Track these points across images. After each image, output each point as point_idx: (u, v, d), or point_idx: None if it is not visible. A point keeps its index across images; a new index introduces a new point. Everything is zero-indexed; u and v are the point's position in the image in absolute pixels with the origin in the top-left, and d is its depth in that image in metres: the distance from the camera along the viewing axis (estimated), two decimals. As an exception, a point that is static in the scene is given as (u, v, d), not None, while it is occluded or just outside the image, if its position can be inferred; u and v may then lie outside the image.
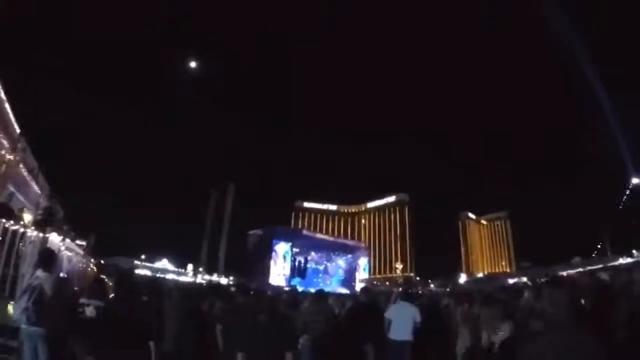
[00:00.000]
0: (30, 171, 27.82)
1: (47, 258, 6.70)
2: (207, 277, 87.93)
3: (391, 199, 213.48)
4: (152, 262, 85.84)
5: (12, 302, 7.49)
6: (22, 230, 8.04)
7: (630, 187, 77.07)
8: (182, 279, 62.69)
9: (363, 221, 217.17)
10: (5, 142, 22.40)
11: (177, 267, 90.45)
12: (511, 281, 54.06)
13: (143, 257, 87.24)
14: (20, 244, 7.92)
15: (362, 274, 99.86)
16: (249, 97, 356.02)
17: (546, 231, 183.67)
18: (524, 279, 47.68)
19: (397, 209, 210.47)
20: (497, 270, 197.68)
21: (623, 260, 49.29)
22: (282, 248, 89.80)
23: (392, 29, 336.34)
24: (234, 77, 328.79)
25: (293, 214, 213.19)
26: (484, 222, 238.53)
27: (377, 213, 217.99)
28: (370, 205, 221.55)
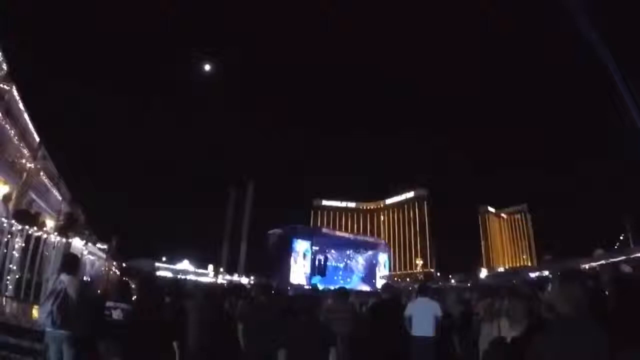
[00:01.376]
0: (51, 178, 28.34)
1: (71, 262, 6.79)
2: (228, 277, 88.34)
3: (410, 194, 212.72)
4: (173, 263, 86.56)
5: (36, 306, 7.60)
6: (44, 236, 8.14)
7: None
8: (203, 279, 62.95)
9: (382, 218, 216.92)
10: (25, 151, 22.87)
11: (198, 267, 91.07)
12: (533, 275, 53.53)
13: (164, 258, 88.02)
14: (44, 249, 8.03)
15: (382, 271, 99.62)
16: (266, 96, 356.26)
17: (568, 223, 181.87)
18: (546, 273, 47.20)
19: (416, 204, 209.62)
20: (518, 264, 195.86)
21: (647, 251, 48.53)
22: (302, 246, 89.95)
23: (402, 22, 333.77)
24: (250, 75, 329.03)
25: (312, 212, 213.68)
26: (504, 215, 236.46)
27: (396, 209, 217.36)
28: (389, 201, 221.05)
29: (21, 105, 23.38)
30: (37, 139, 26.18)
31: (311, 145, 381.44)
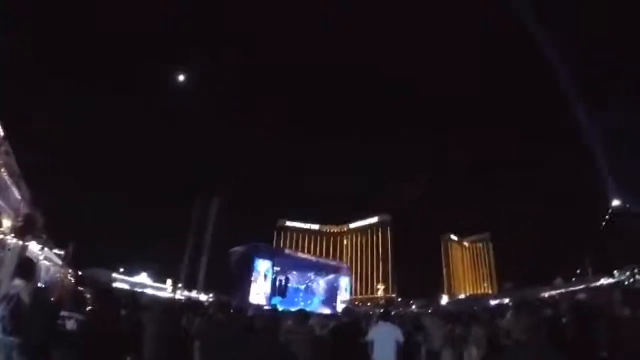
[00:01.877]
0: (12, 176, 27.57)
1: (27, 267, 6.61)
2: (186, 293, 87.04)
3: (374, 220, 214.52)
4: (131, 275, 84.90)
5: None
6: (0, 236, 7.93)
7: (611, 210, 78.32)
8: (161, 294, 61.94)
9: (345, 242, 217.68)
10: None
11: (156, 281, 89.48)
12: (493, 303, 54.28)
13: (122, 270, 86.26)
14: (-1, 251, 7.82)
15: (344, 295, 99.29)
16: (238, 108, 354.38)
17: (529, 253, 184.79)
18: (507, 300, 47.94)
19: (380, 229, 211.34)
20: (479, 292, 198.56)
21: (605, 281, 49.78)
22: (263, 266, 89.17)
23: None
24: (221, 88, 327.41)
25: (275, 232, 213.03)
26: (466, 244, 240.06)
27: (359, 234, 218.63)
28: (353, 226, 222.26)
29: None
30: (2, 133, 25.53)
31: (278, 164, 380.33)
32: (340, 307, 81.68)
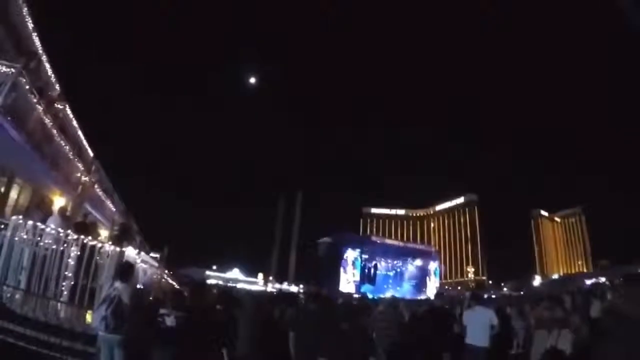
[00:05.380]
0: (105, 191, 29.35)
1: (125, 270, 7.00)
2: (277, 285, 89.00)
3: (460, 200, 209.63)
4: (224, 272, 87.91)
5: (90, 311, 7.85)
6: (99, 245, 8.44)
7: None
8: (253, 287, 63.65)
9: (432, 224, 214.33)
10: (80, 165, 23.75)
11: (248, 276, 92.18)
12: (589, 282, 51.59)
13: (215, 267, 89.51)
14: (98, 257, 8.32)
15: (433, 279, 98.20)
16: (311, 105, 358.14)
17: (625, 227, 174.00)
18: (602, 279, 45.46)
19: (467, 210, 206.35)
20: (573, 270, 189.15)
21: None
22: (351, 255, 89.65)
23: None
24: (296, 86, 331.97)
25: (361, 220, 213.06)
26: (557, 219, 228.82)
27: (446, 215, 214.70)
28: (439, 207, 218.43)
29: (75, 123, 24.38)
30: (91, 154, 27.18)
31: (359, 152, 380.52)
32: (429, 292, 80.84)
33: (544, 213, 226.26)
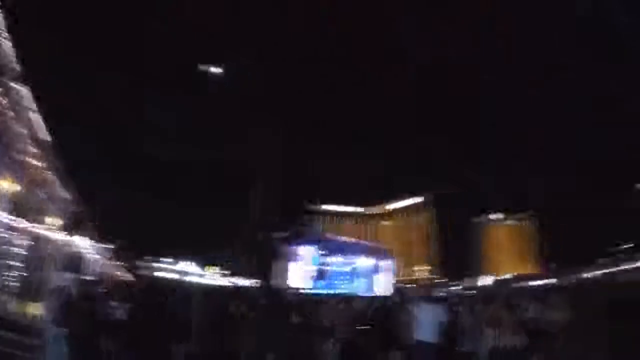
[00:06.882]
0: (59, 177, 28.45)
1: (74, 261, 6.88)
2: (232, 279, 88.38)
3: (413, 200, 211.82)
4: (177, 264, 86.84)
5: (35, 303, 7.71)
6: (50, 234, 8.27)
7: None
8: (206, 281, 63.12)
9: (385, 223, 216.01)
10: (34, 149, 22.99)
11: (201, 269, 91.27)
12: (539, 283, 53.29)
13: (168, 260, 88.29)
14: (48, 247, 8.15)
15: (386, 276, 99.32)
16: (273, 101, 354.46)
17: (574, 231, 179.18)
18: (553, 280, 47.00)
19: (420, 209, 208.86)
20: (524, 272, 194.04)
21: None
22: (305, 251, 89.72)
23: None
24: (257, 82, 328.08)
25: (316, 217, 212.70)
26: (510, 222, 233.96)
27: (399, 215, 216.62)
28: (393, 207, 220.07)
29: (34, 106, 23.50)
30: (48, 138, 26.32)
31: (316, 148, 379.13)
32: (383, 289, 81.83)
33: (499, 215, 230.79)
